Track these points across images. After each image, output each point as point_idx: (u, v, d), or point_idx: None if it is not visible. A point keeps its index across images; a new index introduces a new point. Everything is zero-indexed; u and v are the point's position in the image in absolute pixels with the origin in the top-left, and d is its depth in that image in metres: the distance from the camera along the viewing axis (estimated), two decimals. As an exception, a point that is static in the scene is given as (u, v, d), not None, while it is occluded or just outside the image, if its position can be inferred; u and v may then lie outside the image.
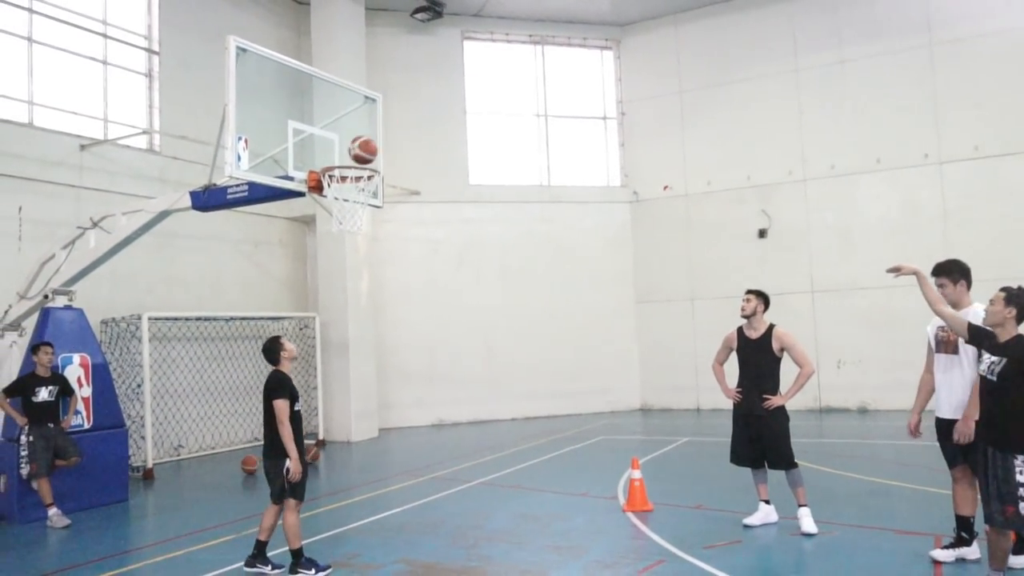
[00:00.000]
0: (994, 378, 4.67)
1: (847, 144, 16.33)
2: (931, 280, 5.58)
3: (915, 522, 6.86)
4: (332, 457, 12.97)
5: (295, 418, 6.15)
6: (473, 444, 13.46)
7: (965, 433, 5.29)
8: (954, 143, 15.46)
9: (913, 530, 6.59)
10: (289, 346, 6.39)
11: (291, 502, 6.11)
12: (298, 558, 6.08)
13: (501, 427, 15.94)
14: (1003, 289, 4.79)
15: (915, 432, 5.88)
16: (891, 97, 16.00)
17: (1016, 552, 5.29)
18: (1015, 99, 14.98)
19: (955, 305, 5.57)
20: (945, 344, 5.72)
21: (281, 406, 6.05)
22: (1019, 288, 4.78)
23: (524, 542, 6.80)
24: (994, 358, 4.70)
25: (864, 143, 16.17)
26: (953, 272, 5.68)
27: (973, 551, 5.62)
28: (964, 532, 5.65)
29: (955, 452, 5.59)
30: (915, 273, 5.53)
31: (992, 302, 4.79)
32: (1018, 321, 4.74)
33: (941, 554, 5.67)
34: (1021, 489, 4.49)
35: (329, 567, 6.12)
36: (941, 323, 5.65)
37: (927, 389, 6.04)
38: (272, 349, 6.33)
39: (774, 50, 17.11)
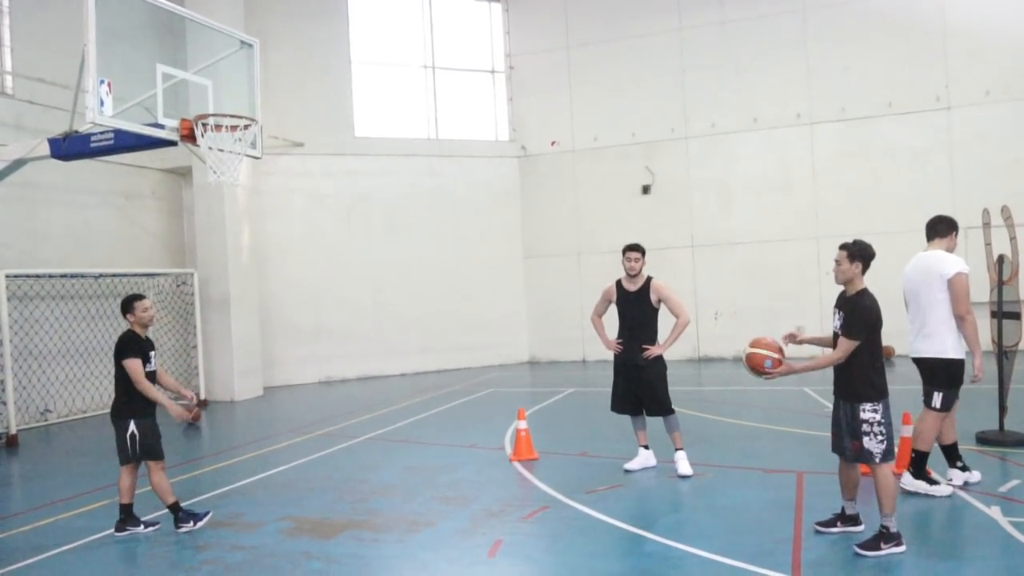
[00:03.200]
0: (840, 332, 5.00)
1: (727, 103, 16.89)
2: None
3: (782, 461, 7.33)
4: (215, 417, 12.61)
5: (149, 378, 6.06)
6: (362, 400, 13.38)
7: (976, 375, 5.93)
8: (823, 104, 16.27)
9: (779, 468, 7.03)
10: (140, 311, 6.13)
11: (152, 463, 6.04)
12: (176, 512, 6.05)
13: (390, 383, 15.89)
14: (842, 246, 5.04)
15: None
16: (768, 58, 16.62)
17: (916, 476, 5.97)
18: (877, 63, 15.87)
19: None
20: None
21: (132, 365, 5.94)
22: (855, 241, 5.06)
23: (411, 494, 6.85)
24: (841, 313, 5.04)
25: (742, 103, 16.77)
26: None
27: (974, 475, 6.20)
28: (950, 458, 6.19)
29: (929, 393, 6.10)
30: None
31: (838, 262, 5.05)
32: (863, 272, 5.03)
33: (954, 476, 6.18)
34: (865, 425, 4.88)
35: (208, 512, 6.16)
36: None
37: None
38: (123, 307, 6.19)
39: (660, 9, 17.39)
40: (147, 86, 7.40)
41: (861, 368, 4.91)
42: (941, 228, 6.33)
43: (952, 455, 6.24)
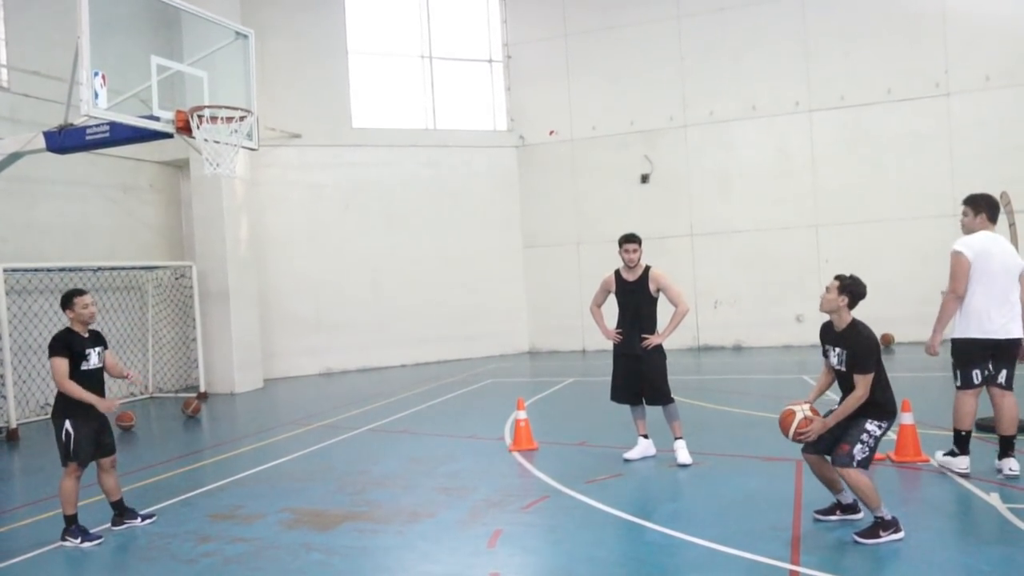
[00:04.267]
0: (843, 368, 4.97)
1: (725, 91, 16.83)
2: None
3: (781, 449, 7.30)
4: (215, 410, 12.61)
5: (88, 376, 5.89)
6: (362, 391, 13.38)
7: (928, 347, 6.07)
8: (822, 92, 16.21)
9: (778, 456, 7.03)
10: (80, 308, 6.00)
11: (70, 466, 5.81)
12: (69, 525, 5.78)
13: (390, 374, 15.89)
14: (837, 277, 5.02)
15: None
16: (766, 46, 16.55)
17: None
18: (876, 50, 15.82)
19: (969, 233, 6.07)
20: None
21: (56, 364, 5.77)
22: (851, 276, 5.02)
23: (411, 485, 6.85)
24: (838, 349, 5.01)
25: (741, 90, 16.72)
26: (979, 204, 6.08)
27: (959, 463, 6.04)
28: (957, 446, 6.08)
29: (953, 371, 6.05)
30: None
31: (828, 290, 5.03)
32: (850, 307, 4.99)
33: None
34: (864, 435, 4.82)
35: (100, 538, 5.79)
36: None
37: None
38: (62, 303, 6.07)
39: (657, -4, 17.31)
40: (142, 78, 7.35)
41: (870, 394, 4.88)
42: (995, 212, 6.18)
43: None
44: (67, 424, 5.82)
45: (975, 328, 5.88)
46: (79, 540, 5.70)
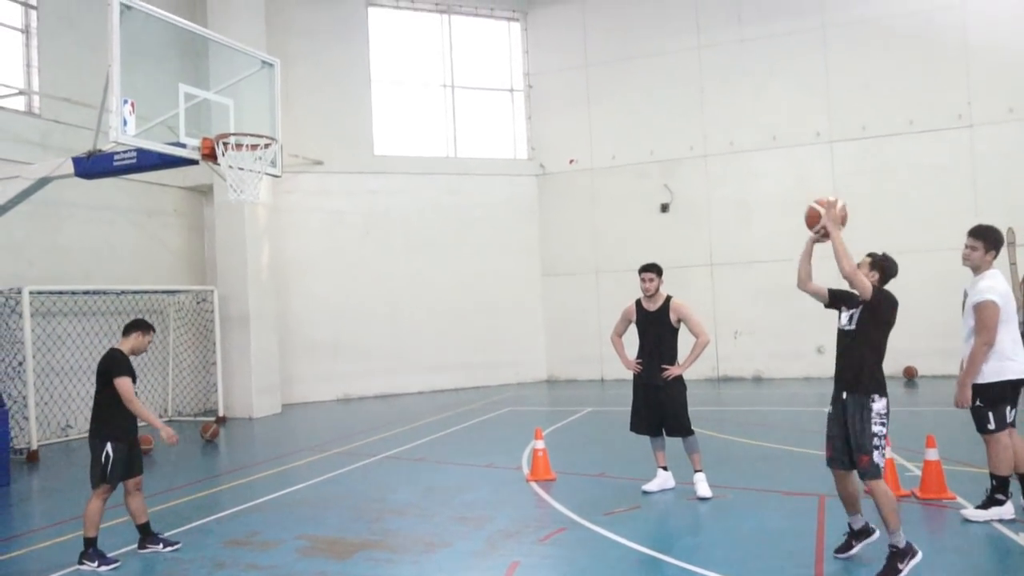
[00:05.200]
0: (854, 327, 4.99)
1: (745, 121, 16.85)
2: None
3: (802, 484, 7.21)
4: (233, 434, 12.64)
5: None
6: (379, 418, 13.36)
7: (960, 402, 5.63)
8: (843, 122, 16.19)
9: (799, 491, 6.92)
10: (147, 339, 6.18)
11: (103, 488, 5.85)
12: (87, 547, 5.77)
13: (408, 400, 15.87)
14: (869, 255, 5.09)
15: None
16: (787, 76, 16.58)
17: (985, 505, 5.78)
18: (898, 81, 15.79)
19: (976, 269, 5.85)
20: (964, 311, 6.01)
21: (124, 384, 5.83)
22: (883, 254, 5.07)
23: (428, 514, 6.81)
24: (852, 310, 5.04)
25: (761, 121, 16.73)
26: (989, 239, 5.84)
27: (1007, 510, 5.79)
28: (999, 493, 5.84)
29: (981, 417, 5.78)
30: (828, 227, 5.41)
31: (859, 266, 5.05)
32: (880, 284, 5.02)
33: (974, 514, 5.87)
34: (875, 439, 4.81)
35: (117, 562, 5.77)
36: (964, 288, 5.88)
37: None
38: (132, 326, 6.15)
39: (677, 27, 17.43)
40: (170, 105, 7.47)
41: (869, 365, 4.89)
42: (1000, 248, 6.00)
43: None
44: (108, 447, 5.88)
45: (1008, 370, 5.77)
46: (96, 564, 5.69)
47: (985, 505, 5.86)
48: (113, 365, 5.89)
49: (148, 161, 7.71)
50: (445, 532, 6.23)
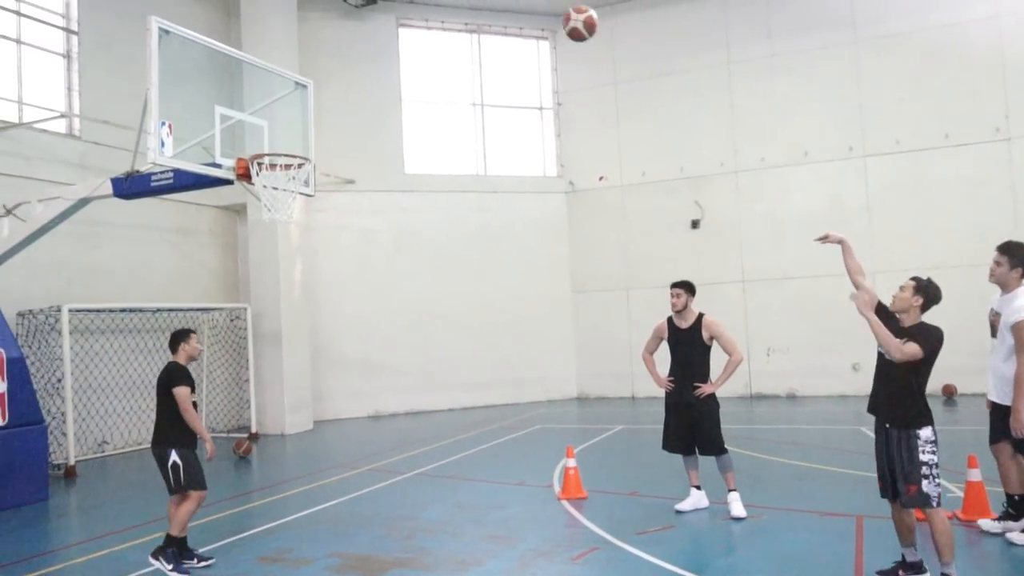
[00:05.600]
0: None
1: (776, 137, 16.73)
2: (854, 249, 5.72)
3: (838, 504, 7.08)
4: (265, 451, 12.73)
5: (194, 408, 6.19)
6: (410, 435, 13.38)
7: (1017, 429, 5.44)
8: (877, 137, 15.99)
9: (837, 512, 6.80)
10: (194, 343, 6.38)
11: (192, 494, 6.07)
12: (167, 545, 5.98)
13: (438, 418, 15.88)
14: (913, 278, 4.93)
15: None
16: (818, 91, 16.45)
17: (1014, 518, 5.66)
18: (932, 95, 15.58)
19: (1003, 286, 5.71)
20: (992, 327, 5.87)
21: (184, 393, 6.07)
22: (928, 279, 4.93)
23: (460, 532, 6.79)
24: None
25: (793, 136, 16.60)
26: (1016, 256, 5.71)
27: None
28: (1012, 508, 5.80)
29: (996, 431, 5.72)
30: (840, 242, 5.69)
31: (902, 288, 4.93)
32: (922, 310, 4.89)
33: (990, 524, 5.84)
34: (924, 468, 4.67)
35: (187, 573, 5.91)
36: (991, 305, 5.71)
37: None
38: (177, 338, 6.35)
39: (707, 43, 17.39)
40: (205, 127, 7.61)
41: (912, 394, 4.74)
42: None
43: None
44: (174, 454, 6.06)
45: None
46: (171, 567, 5.87)
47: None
48: (172, 376, 6.14)
49: (185, 181, 7.84)
50: (477, 550, 6.21)
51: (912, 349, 4.64)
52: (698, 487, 7.18)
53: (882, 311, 5.02)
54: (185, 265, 14.73)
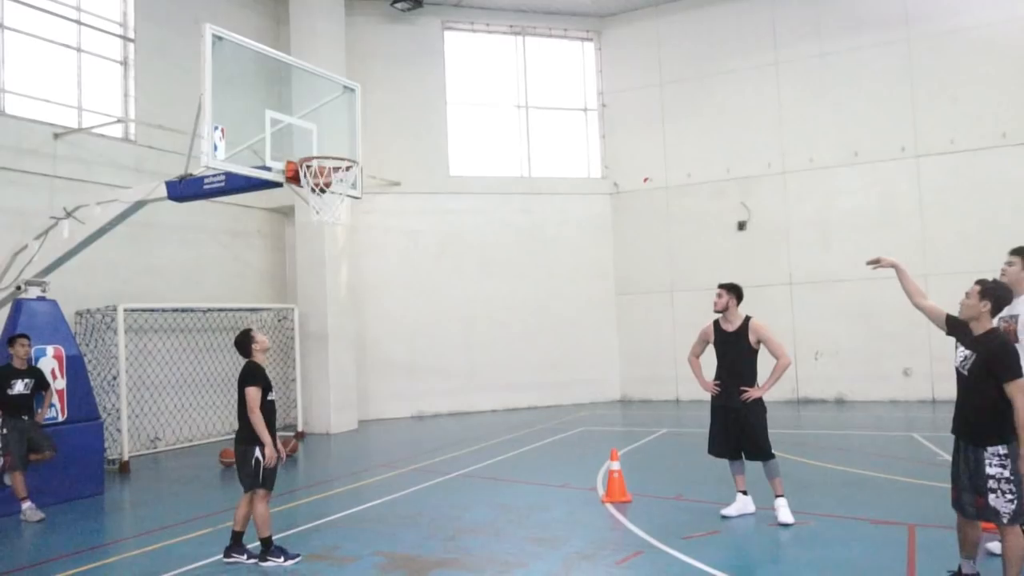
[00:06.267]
0: (966, 373, 4.69)
1: (826, 137, 16.44)
2: (909, 272, 5.52)
3: (890, 512, 6.93)
4: (311, 449, 12.91)
5: (268, 407, 6.27)
6: (453, 436, 13.45)
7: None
8: (930, 137, 15.61)
9: (888, 519, 6.65)
10: (260, 338, 6.51)
11: (260, 492, 6.18)
12: (267, 547, 6.15)
13: (482, 419, 15.94)
14: (978, 282, 4.72)
15: None
16: (869, 90, 16.12)
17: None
18: (989, 93, 15.15)
19: (1015, 284, 5.44)
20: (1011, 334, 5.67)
21: (252, 393, 6.17)
22: (994, 281, 4.76)
23: (503, 534, 6.81)
24: (967, 352, 4.71)
25: (842, 136, 16.29)
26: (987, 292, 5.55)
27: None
28: None
29: None
30: (893, 266, 5.50)
31: (968, 295, 4.73)
32: (993, 314, 4.71)
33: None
34: (991, 481, 4.50)
35: (298, 555, 6.19)
36: (1001, 315, 5.50)
37: None
38: (243, 342, 6.48)
39: (755, 43, 17.17)
40: (256, 130, 7.74)
41: (991, 407, 4.52)
42: None
43: None
44: (257, 451, 6.15)
45: None
46: (282, 559, 6.06)
47: None
48: (245, 375, 6.28)
49: (236, 184, 7.99)
50: (521, 552, 6.22)
51: (1020, 402, 4.39)
52: (744, 492, 7.09)
53: (953, 322, 4.87)
54: (235, 266, 15.02)
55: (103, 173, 12.17)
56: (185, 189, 8.41)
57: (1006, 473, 4.48)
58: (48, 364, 9.12)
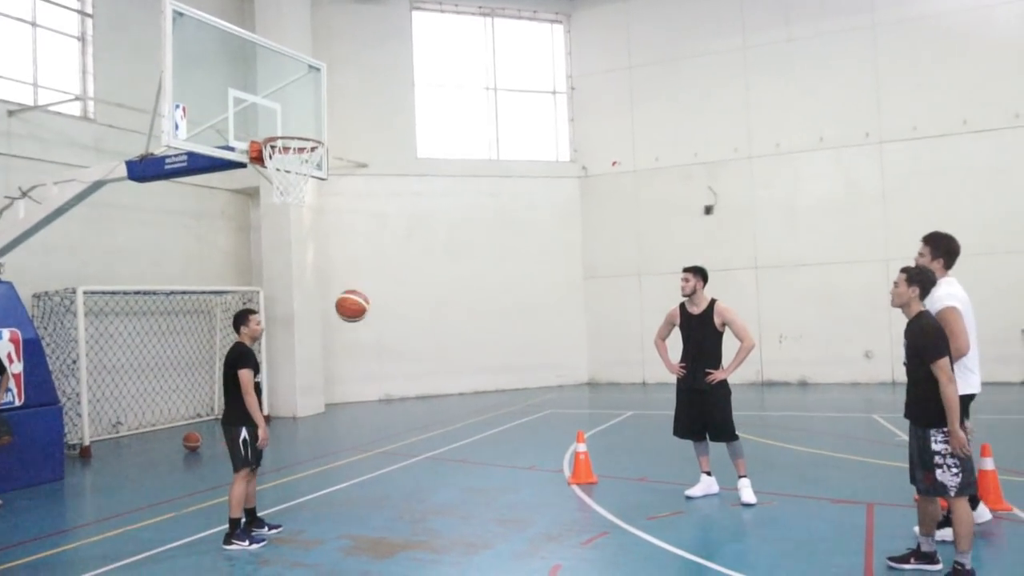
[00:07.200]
0: (905, 362, 4.95)
1: (792, 122, 16.59)
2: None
3: (850, 491, 7.07)
4: (277, 433, 12.80)
5: (256, 389, 6.31)
6: (421, 419, 13.44)
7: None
8: (894, 123, 15.83)
9: (848, 499, 6.78)
10: (255, 324, 6.51)
11: (243, 472, 6.21)
12: (234, 529, 6.15)
13: (449, 402, 15.94)
14: (904, 270, 4.96)
15: None
16: (835, 76, 16.29)
17: (941, 524, 5.47)
18: (951, 81, 15.39)
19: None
20: None
21: (245, 376, 6.19)
22: (918, 267, 5.02)
23: (470, 516, 6.82)
24: (905, 343, 4.95)
25: (808, 122, 16.45)
26: (938, 247, 5.78)
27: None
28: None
29: None
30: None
31: (896, 284, 4.96)
32: (922, 298, 4.93)
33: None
34: (937, 457, 4.70)
35: (264, 540, 6.19)
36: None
37: None
38: (237, 320, 6.51)
39: (723, 27, 17.23)
40: (219, 110, 7.61)
41: (931, 389, 4.73)
42: (953, 260, 5.84)
43: None
44: (244, 432, 6.22)
45: (973, 384, 5.56)
46: (247, 543, 6.06)
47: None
48: (235, 357, 6.27)
49: (198, 164, 7.86)
50: (487, 534, 6.24)
51: (948, 374, 4.65)
52: (708, 473, 7.19)
53: (939, 335, 4.84)
54: (198, 248, 14.79)
55: (61, 152, 11.89)
56: (146, 169, 8.25)
57: (946, 448, 4.69)
58: (3, 348, 8.92)
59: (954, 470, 4.66)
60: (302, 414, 14.51)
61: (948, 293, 5.43)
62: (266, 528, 6.37)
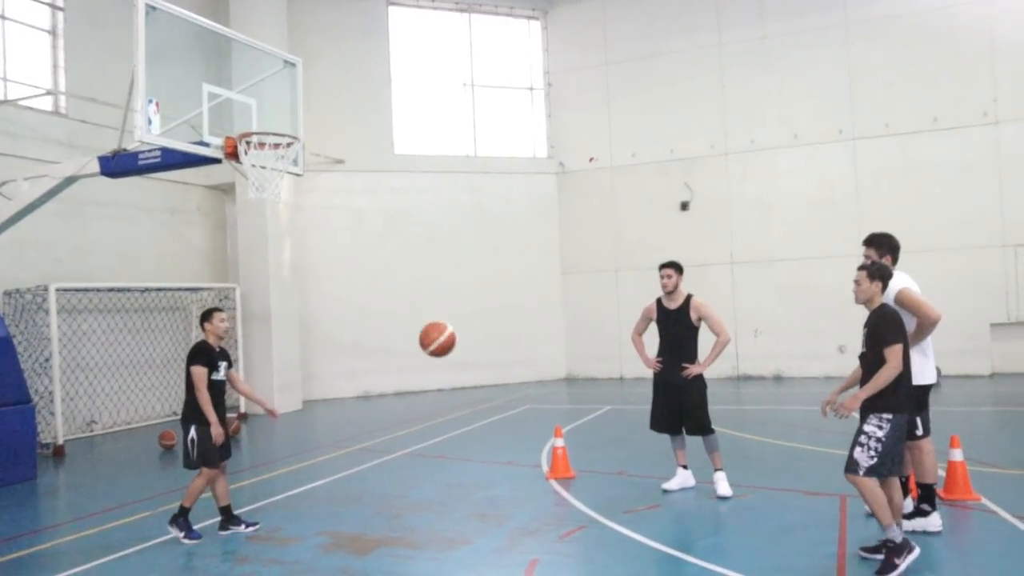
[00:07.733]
0: (864, 348, 5.06)
1: (767, 119, 16.75)
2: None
3: (823, 484, 7.16)
4: (254, 430, 12.75)
5: (215, 386, 6.25)
6: (399, 415, 13.43)
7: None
8: (867, 120, 16.03)
9: (821, 491, 6.88)
10: (218, 321, 6.41)
11: (204, 471, 6.21)
12: (181, 515, 6.18)
13: (428, 398, 15.93)
14: (862, 267, 5.13)
15: None
16: (809, 74, 16.46)
17: (909, 516, 5.56)
18: (922, 79, 15.61)
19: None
20: None
21: (197, 373, 6.14)
22: (874, 262, 5.22)
23: (448, 511, 6.84)
24: (864, 329, 5.08)
25: (783, 118, 16.62)
26: (882, 245, 5.96)
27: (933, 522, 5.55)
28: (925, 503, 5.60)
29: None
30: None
31: (858, 282, 5.10)
32: (883, 291, 5.08)
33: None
34: (863, 436, 4.85)
35: (200, 537, 6.18)
36: None
37: None
38: (202, 318, 6.46)
39: (699, 24, 17.34)
40: (193, 105, 7.55)
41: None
42: (898, 254, 6.11)
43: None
44: (192, 430, 6.18)
45: (928, 374, 5.71)
46: (183, 534, 6.09)
47: (909, 516, 5.58)
48: (192, 353, 6.25)
49: (172, 160, 7.80)
50: (465, 529, 6.26)
51: (893, 362, 4.78)
52: (685, 467, 7.25)
53: (898, 323, 4.96)
54: (173, 245, 14.66)
55: (31, 147, 11.72)
56: (119, 165, 8.17)
57: (880, 434, 4.80)
58: (-25, 346, 8.79)
59: (871, 452, 4.79)
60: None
61: (898, 279, 5.59)
62: (243, 526, 6.35)
